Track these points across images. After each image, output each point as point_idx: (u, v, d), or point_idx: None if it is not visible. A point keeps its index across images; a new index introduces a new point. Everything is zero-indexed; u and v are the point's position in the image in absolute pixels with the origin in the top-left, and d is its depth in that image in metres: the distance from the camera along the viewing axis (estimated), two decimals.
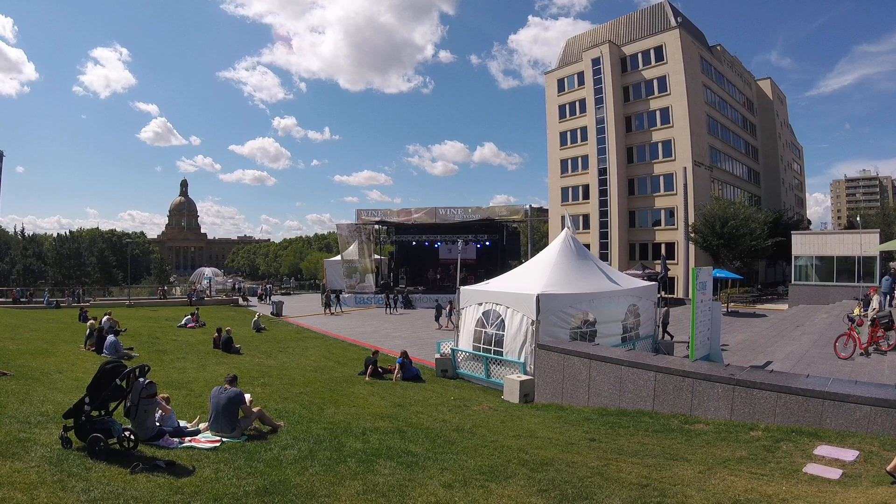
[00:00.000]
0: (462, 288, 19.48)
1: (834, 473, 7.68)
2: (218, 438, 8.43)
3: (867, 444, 8.78)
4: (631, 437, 10.12)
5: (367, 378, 17.18)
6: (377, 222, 47.62)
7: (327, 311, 38.99)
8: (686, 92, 57.73)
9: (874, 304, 18.06)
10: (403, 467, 7.30)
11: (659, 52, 59.97)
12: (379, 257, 49.78)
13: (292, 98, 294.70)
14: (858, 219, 65.16)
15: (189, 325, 28.76)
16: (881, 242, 37.86)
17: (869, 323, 16.69)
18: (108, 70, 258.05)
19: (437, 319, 32.60)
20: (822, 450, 8.63)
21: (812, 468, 7.90)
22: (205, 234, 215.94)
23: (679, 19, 62.26)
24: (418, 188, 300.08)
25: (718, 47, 71.87)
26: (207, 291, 50.92)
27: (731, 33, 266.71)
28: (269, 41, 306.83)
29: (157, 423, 8.30)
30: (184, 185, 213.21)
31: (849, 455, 8.35)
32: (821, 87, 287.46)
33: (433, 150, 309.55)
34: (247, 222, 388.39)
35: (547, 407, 13.81)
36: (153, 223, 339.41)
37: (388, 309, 39.47)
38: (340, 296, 41.85)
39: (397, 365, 17.68)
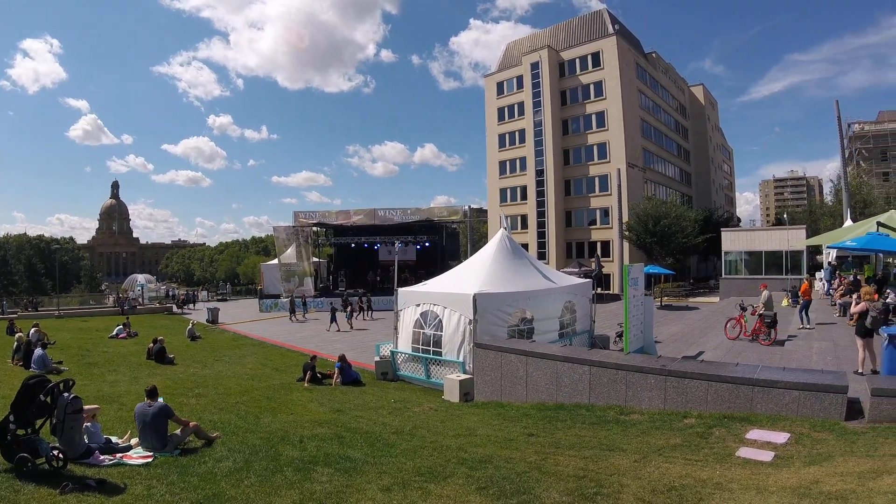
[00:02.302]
0: (399, 290, 19.50)
1: (766, 456, 7.93)
2: (150, 454, 8.16)
3: (798, 426, 9.15)
4: (568, 430, 10.29)
5: (305, 384, 16.99)
6: (315, 224, 46.95)
7: (293, 317, 37.07)
8: (621, 97, 59.45)
9: (762, 298, 19.29)
10: (341, 473, 7.23)
11: (596, 57, 61.46)
12: (318, 260, 49.04)
13: (229, 95, 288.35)
14: (786, 216, 68.12)
15: (121, 335, 27.69)
16: (807, 238, 39.66)
17: (757, 316, 18.64)
18: (37, 63, 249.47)
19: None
20: (754, 434, 8.94)
21: (745, 452, 8.14)
22: (137, 238, 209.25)
23: (616, 27, 64.02)
24: (358, 189, 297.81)
25: (654, 54, 74.09)
26: (140, 299, 49.41)
27: (668, 41, 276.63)
28: (206, 35, 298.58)
29: (86, 440, 8.04)
30: (115, 186, 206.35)
31: (780, 438, 8.67)
32: (752, 94, 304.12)
33: (373, 151, 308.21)
34: (181, 225, 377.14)
35: (486, 404, 13.94)
36: (83, 227, 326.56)
37: (352, 316, 34.19)
38: (307, 300, 40.14)
39: (336, 369, 17.55)
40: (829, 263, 31.95)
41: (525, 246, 58.87)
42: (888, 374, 10.82)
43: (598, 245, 59.67)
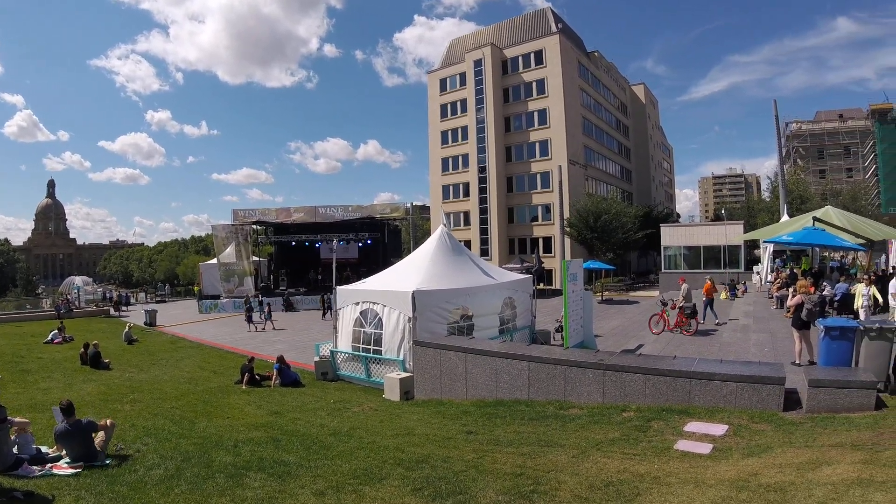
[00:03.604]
0: (338, 288, 19.09)
1: (704, 448, 7.96)
2: (81, 463, 7.80)
3: (736, 417, 9.24)
4: (507, 426, 10.20)
5: (243, 387, 16.48)
6: (255, 222, 45.61)
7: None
8: (563, 95, 60.14)
9: (682, 292, 19.73)
10: (274, 478, 7.05)
11: (539, 55, 61.97)
12: (258, 259, 47.92)
13: (168, 90, 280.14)
14: (724, 212, 70.11)
15: (56, 340, 26.40)
16: (745, 232, 40.82)
17: (677, 309, 19.14)
18: None
19: (248, 321, 31.04)
20: (693, 426, 8.97)
21: (683, 444, 8.15)
22: (74, 239, 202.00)
23: (560, 25, 64.59)
24: (301, 187, 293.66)
25: (596, 53, 75.26)
26: (76, 302, 47.44)
27: (611, 41, 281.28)
28: (145, 28, 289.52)
29: (15, 451, 7.66)
30: (51, 185, 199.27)
31: (718, 430, 8.71)
32: (693, 93, 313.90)
33: (316, 148, 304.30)
34: (119, 225, 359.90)
35: (426, 403, 13.73)
36: (18, 228, 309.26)
37: (251, 316, 32.21)
38: (264, 303, 34.87)
39: (274, 371, 17.08)
40: (781, 259, 32.77)
41: (468, 243, 59.12)
42: (825, 365, 10.97)
43: (541, 241, 60.30)
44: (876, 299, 15.87)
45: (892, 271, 19.42)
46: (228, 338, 28.40)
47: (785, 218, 34.51)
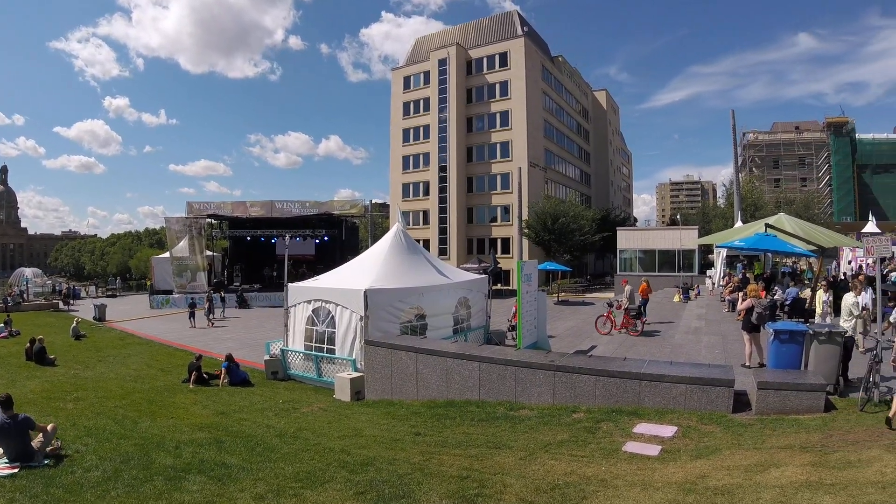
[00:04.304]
0: (290, 285, 18.67)
1: (653, 450, 7.94)
2: (17, 464, 7.52)
3: (685, 419, 9.27)
4: (457, 427, 10.09)
5: (190, 385, 16.08)
6: (210, 216, 44.62)
7: (211, 316, 32.04)
8: (526, 97, 60.51)
9: (625, 294, 20.18)
10: (214, 481, 6.82)
11: (504, 58, 62.17)
12: (212, 254, 46.91)
13: (128, 76, 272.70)
14: (679, 217, 71.43)
15: (1, 334, 25.54)
16: (699, 237, 41.55)
17: (623, 311, 19.52)
18: None
19: (190, 317, 30.48)
20: (642, 427, 8.97)
21: (631, 446, 8.13)
22: (25, 228, 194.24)
23: (526, 29, 65.04)
24: (259, 180, 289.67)
25: (560, 58, 75.91)
26: (25, 295, 45.86)
27: (576, 47, 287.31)
28: (107, 11, 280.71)
29: None
30: (3, 171, 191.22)
31: (667, 431, 8.72)
32: (654, 101, 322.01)
33: (276, 141, 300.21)
34: (72, 215, 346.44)
35: (377, 403, 13.53)
36: None
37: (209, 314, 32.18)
38: (214, 299, 34.29)
39: (223, 370, 16.67)
40: (742, 263, 33.33)
41: (427, 242, 59.05)
42: (774, 368, 11.09)
43: (499, 242, 60.59)
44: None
45: (842, 278, 19.80)
46: (178, 334, 27.78)
47: (739, 224, 35.18)
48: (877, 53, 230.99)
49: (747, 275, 28.07)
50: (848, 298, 13.43)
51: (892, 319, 10.86)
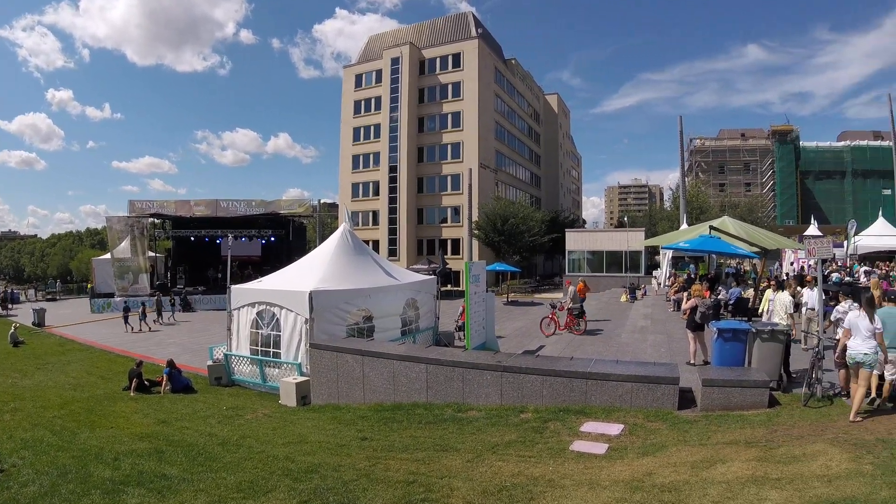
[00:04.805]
0: (233, 287, 18.13)
1: (600, 448, 7.96)
2: None
3: (632, 417, 9.34)
4: (404, 431, 9.95)
5: (131, 393, 15.51)
6: (152, 215, 42.88)
7: (159, 319, 32.04)
8: (478, 99, 60.71)
9: (568, 294, 20.60)
10: (154, 494, 6.58)
11: (457, 58, 62.25)
12: (155, 255, 45.45)
13: (73, 67, 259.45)
14: (626, 219, 72.79)
15: None
16: (646, 239, 42.34)
17: (566, 311, 19.94)
18: None
19: (126, 321, 29.50)
20: (589, 426, 8.99)
21: (579, 445, 8.14)
22: None
23: (480, 30, 65.32)
24: (206, 179, 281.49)
25: (513, 61, 76.50)
26: None
27: (529, 50, 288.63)
28: None
29: None
30: None
31: (614, 429, 8.76)
32: (605, 106, 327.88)
33: (224, 138, 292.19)
34: (11, 214, 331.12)
35: (323, 408, 13.25)
36: None
37: (158, 317, 32.23)
38: (172, 301, 34.57)
39: (164, 376, 16.12)
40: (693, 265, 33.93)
41: (376, 243, 58.69)
42: (718, 365, 11.29)
43: (449, 243, 60.58)
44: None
45: (784, 278, 20.33)
46: (119, 340, 26.80)
47: (684, 226, 36.12)
48: (823, 66, 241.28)
49: (691, 275, 28.66)
50: (783, 297, 13.76)
51: (833, 318, 11.13)
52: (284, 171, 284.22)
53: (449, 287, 42.37)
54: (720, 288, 21.09)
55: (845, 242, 29.88)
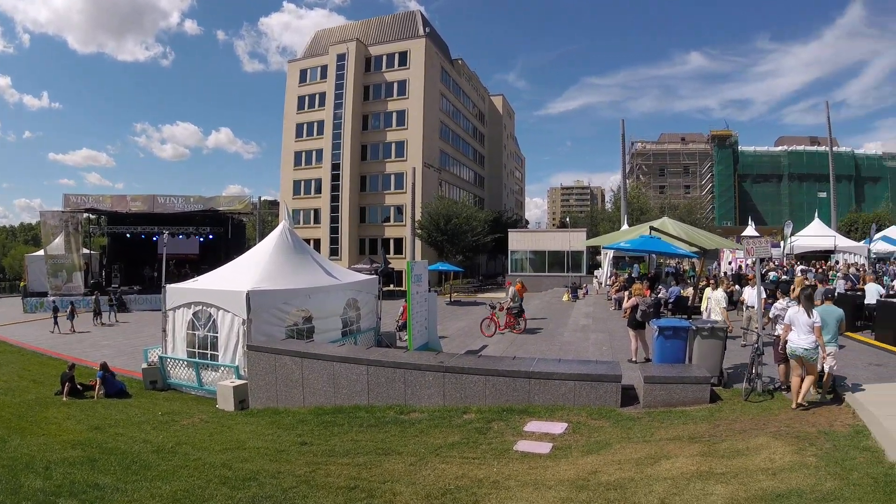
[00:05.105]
0: (169, 287, 17.45)
1: (544, 448, 7.92)
2: None
3: (575, 415, 9.34)
4: (345, 434, 9.72)
5: (64, 398, 14.80)
6: (88, 210, 41.20)
7: (97, 321, 30.82)
8: (424, 98, 60.58)
9: (509, 294, 20.82)
10: None
11: (404, 57, 61.99)
12: (89, 252, 43.79)
13: (12, 52, 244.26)
14: (568, 220, 73.93)
15: None
16: (587, 239, 43.01)
17: (505, 311, 20.18)
18: None
19: (55, 322, 28.38)
20: (533, 425, 8.96)
21: (523, 445, 8.09)
22: None
23: (427, 29, 65.14)
24: (144, 173, 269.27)
25: (460, 61, 76.74)
26: None
27: (476, 52, 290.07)
28: None
29: None
30: None
31: (558, 428, 8.74)
32: (549, 109, 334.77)
33: (164, 131, 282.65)
34: None
35: (262, 412, 12.84)
36: None
37: (96, 318, 31.14)
38: (111, 301, 32.79)
39: (97, 380, 15.42)
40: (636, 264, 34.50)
41: (318, 241, 57.99)
42: (660, 363, 11.46)
43: (392, 242, 60.16)
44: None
45: (722, 276, 20.82)
46: (52, 341, 25.65)
47: (625, 227, 36.84)
48: (763, 74, 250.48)
49: (632, 274, 29.13)
50: (717, 294, 14.04)
51: (771, 315, 11.41)
52: (225, 167, 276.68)
53: (391, 287, 42.16)
54: (660, 287, 21.50)
55: (782, 243, 30.88)
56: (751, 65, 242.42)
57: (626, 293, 17.63)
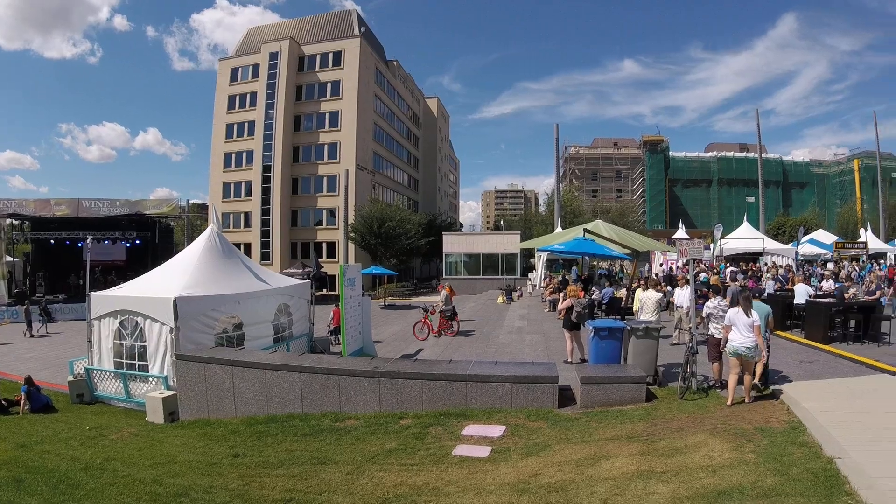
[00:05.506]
0: (93, 294, 16.65)
1: (483, 452, 7.92)
2: None
3: (513, 417, 9.36)
4: (279, 445, 9.49)
5: None
6: (10, 215, 39.20)
7: (28, 332, 29.33)
8: (358, 99, 60.05)
9: (441, 297, 20.82)
10: None
11: (338, 56, 61.36)
12: (13, 259, 41.70)
13: None
14: (503, 223, 74.74)
15: None
16: (521, 242, 43.49)
17: (438, 314, 20.22)
18: None
19: None
20: (471, 429, 8.95)
21: (461, 449, 8.07)
22: None
23: (363, 29, 64.56)
24: (70, 176, 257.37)
25: (395, 62, 76.58)
26: None
27: (412, 53, 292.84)
28: None
29: None
30: None
31: (496, 431, 8.75)
32: (484, 112, 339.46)
33: (90, 132, 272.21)
34: None
35: (193, 424, 12.39)
36: None
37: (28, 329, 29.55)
38: (42, 312, 31.27)
39: (22, 395, 14.60)
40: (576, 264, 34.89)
41: (248, 246, 56.89)
42: (595, 363, 11.57)
43: (325, 246, 59.36)
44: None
45: (654, 277, 21.26)
46: None
47: (559, 230, 37.37)
48: (695, 82, 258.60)
49: (566, 276, 29.48)
50: (650, 294, 14.31)
51: (704, 314, 11.72)
52: (152, 169, 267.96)
53: (324, 291, 41.50)
54: (593, 288, 21.82)
55: (712, 245, 31.85)
56: (683, 73, 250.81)
57: (561, 295, 17.80)
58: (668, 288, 19.88)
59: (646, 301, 13.95)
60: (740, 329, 9.18)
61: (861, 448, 6.52)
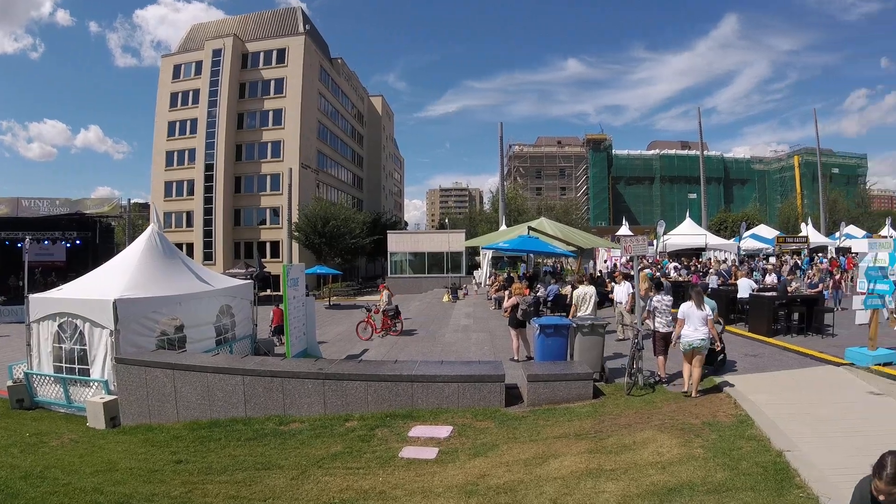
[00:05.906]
0: (31, 297, 16.04)
1: (430, 453, 7.86)
2: None
3: (460, 417, 9.32)
4: (222, 450, 9.27)
5: None
6: None
7: None
8: (301, 97, 59.36)
9: (384, 297, 21.07)
10: None
11: (282, 54, 60.58)
12: None
13: None
14: (447, 221, 74.95)
15: None
16: (466, 240, 43.65)
17: (382, 313, 20.37)
18: None
19: None
20: (418, 430, 8.88)
21: (408, 451, 8.00)
22: None
23: (308, 27, 63.83)
24: (9, 174, 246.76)
25: (339, 60, 75.72)
26: None
27: (357, 51, 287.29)
28: None
29: None
30: None
31: (443, 431, 8.71)
32: (429, 111, 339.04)
33: (30, 129, 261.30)
34: None
35: (135, 429, 12.00)
36: None
37: None
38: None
39: None
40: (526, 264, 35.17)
41: (190, 245, 55.66)
42: (542, 360, 11.64)
43: (268, 245, 58.44)
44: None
45: (598, 275, 21.56)
46: None
47: (503, 227, 37.62)
48: (637, 81, 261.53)
49: (511, 273, 29.72)
50: (588, 290, 14.51)
51: (649, 309, 11.93)
52: (94, 168, 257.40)
53: (268, 292, 40.78)
54: (539, 286, 21.96)
55: (655, 241, 32.47)
56: (626, 73, 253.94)
57: (507, 292, 17.89)
58: (613, 284, 20.20)
59: (585, 296, 14.18)
60: (695, 323, 9.44)
61: (810, 440, 6.70)
